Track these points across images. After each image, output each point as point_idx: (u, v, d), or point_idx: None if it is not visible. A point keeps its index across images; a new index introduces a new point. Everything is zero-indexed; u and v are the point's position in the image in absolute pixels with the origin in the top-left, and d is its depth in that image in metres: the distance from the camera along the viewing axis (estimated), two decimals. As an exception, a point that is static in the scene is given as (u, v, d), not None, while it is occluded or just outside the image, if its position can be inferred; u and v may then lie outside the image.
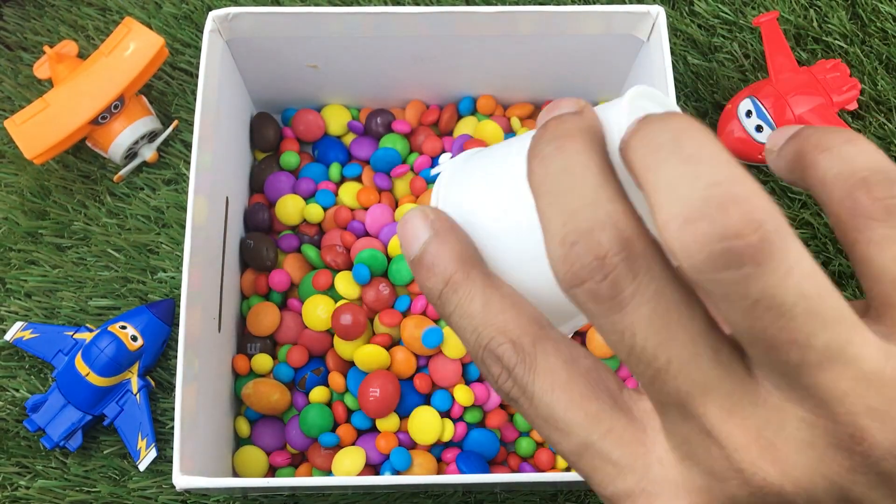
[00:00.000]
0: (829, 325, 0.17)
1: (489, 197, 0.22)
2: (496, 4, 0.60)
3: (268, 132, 0.55)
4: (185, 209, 0.55)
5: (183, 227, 0.55)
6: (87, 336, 0.51)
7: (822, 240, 0.55)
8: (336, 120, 0.57)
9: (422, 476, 0.46)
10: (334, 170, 0.55)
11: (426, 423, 0.48)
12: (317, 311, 0.50)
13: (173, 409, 0.41)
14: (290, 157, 0.55)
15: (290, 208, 0.53)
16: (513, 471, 0.50)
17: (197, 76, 0.47)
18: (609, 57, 0.51)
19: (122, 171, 0.56)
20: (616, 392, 0.20)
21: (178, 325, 0.52)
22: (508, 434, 0.50)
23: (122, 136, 0.54)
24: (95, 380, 0.49)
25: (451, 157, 0.22)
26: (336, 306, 0.49)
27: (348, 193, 0.54)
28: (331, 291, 0.51)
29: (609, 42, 0.50)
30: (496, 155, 0.23)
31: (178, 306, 0.53)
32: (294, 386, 0.51)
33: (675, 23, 0.60)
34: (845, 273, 0.55)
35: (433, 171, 0.54)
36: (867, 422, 0.17)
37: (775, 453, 0.18)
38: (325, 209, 0.53)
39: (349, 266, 0.51)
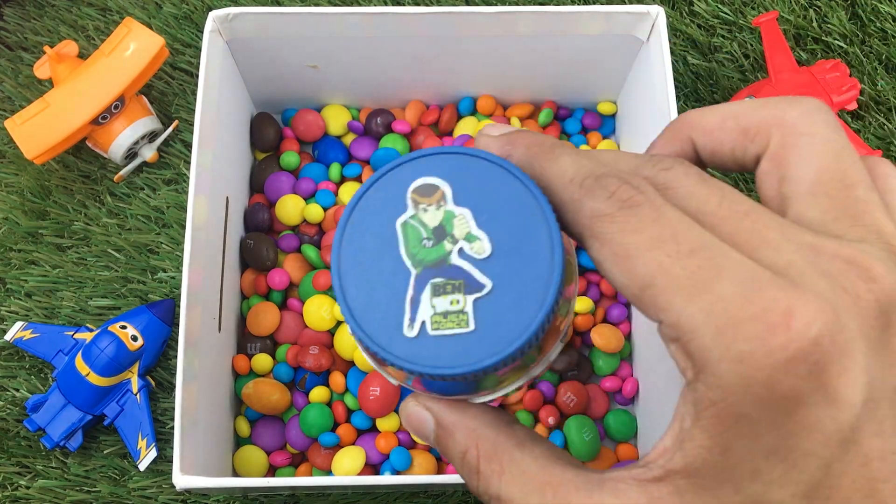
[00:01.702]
0: None
1: None
2: (496, 4, 0.60)
3: (268, 132, 0.55)
4: (185, 209, 0.55)
5: (183, 227, 0.55)
6: (87, 336, 0.51)
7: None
8: (336, 120, 0.57)
9: (422, 476, 0.46)
10: (334, 170, 0.55)
11: (426, 423, 0.48)
12: (319, 312, 0.50)
13: (173, 408, 0.42)
14: (290, 157, 0.55)
15: (291, 208, 0.53)
16: (513, 471, 0.50)
17: (197, 76, 0.47)
18: (609, 57, 0.51)
19: (123, 172, 0.56)
20: None
21: (178, 324, 0.52)
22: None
23: (123, 137, 0.54)
24: (96, 380, 0.49)
25: None
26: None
27: (348, 193, 0.54)
28: (331, 291, 0.51)
29: (609, 42, 0.50)
30: None
31: (179, 306, 0.53)
32: (294, 386, 0.51)
33: (675, 23, 0.60)
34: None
35: None
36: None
37: None
38: (325, 209, 0.53)
39: (349, 266, 0.51)
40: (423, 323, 0.20)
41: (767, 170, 0.21)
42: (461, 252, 0.21)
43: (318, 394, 0.49)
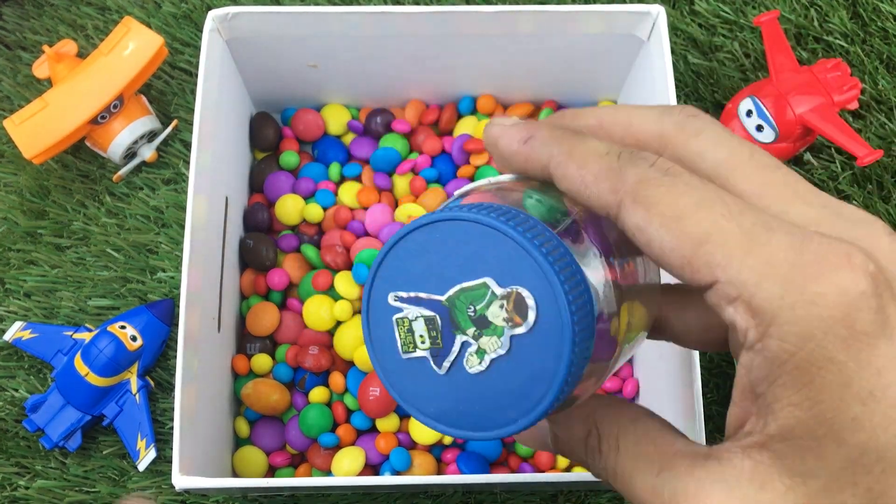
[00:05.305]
0: None
1: None
2: (496, 3, 0.60)
3: (267, 132, 0.55)
4: (184, 209, 0.55)
5: (182, 226, 0.55)
6: (86, 336, 0.51)
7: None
8: (336, 119, 0.56)
9: (422, 476, 0.46)
10: (334, 169, 0.55)
11: (427, 424, 0.48)
12: (319, 312, 0.50)
13: (172, 409, 0.41)
14: (289, 157, 0.55)
15: (290, 208, 0.53)
16: (513, 471, 0.50)
17: (196, 76, 0.47)
18: (609, 57, 0.51)
19: (122, 171, 0.56)
20: None
21: (177, 325, 0.52)
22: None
23: (122, 136, 0.54)
24: (95, 380, 0.49)
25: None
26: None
27: (348, 193, 0.54)
28: (331, 291, 0.51)
29: (609, 42, 0.50)
30: None
31: (178, 306, 0.53)
32: (294, 386, 0.51)
33: (676, 22, 0.60)
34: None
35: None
36: None
37: None
38: (324, 209, 0.53)
39: (349, 266, 0.51)
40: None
41: None
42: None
43: (318, 394, 0.49)
